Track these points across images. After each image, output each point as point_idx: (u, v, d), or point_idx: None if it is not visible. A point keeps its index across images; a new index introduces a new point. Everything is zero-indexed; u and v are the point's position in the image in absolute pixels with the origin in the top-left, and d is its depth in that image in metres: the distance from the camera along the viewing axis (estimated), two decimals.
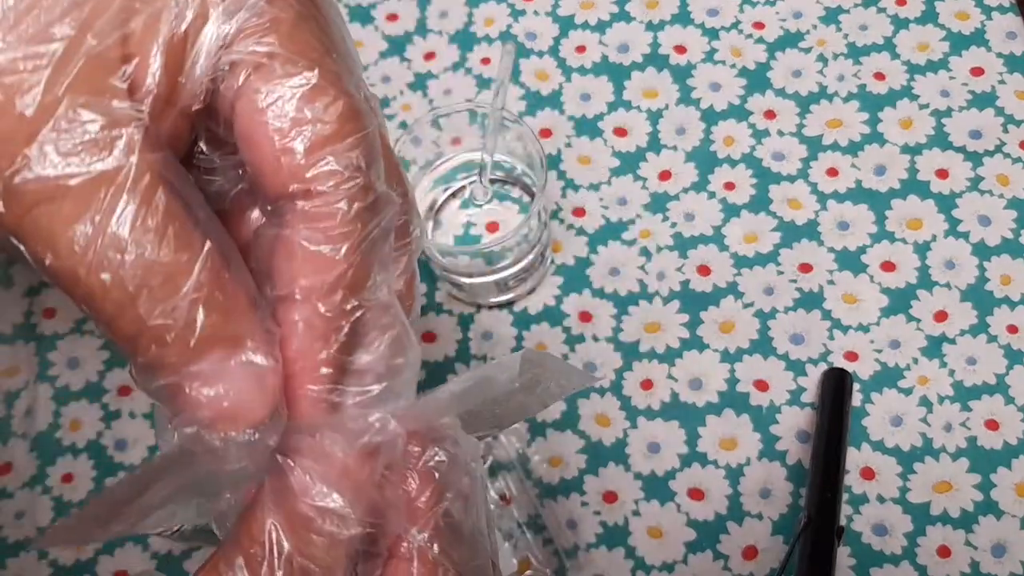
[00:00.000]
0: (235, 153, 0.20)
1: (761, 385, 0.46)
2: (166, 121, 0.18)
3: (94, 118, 0.17)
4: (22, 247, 0.18)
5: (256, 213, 0.22)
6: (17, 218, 0.17)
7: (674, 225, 0.50)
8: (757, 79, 0.52)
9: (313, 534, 0.19)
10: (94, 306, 0.18)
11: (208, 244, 0.18)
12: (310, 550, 0.19)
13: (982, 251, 0.47)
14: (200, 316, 0.18)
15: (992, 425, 0.44)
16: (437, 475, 0.21)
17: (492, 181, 0.46)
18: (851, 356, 0.46)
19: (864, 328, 0.47)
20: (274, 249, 0.20)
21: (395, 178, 0.22)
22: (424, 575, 0.21)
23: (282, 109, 0.19)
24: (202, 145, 0.20)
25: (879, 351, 0.46)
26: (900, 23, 0.53)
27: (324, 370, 0.20)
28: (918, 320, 0.46)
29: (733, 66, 0.53)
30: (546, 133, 0.52)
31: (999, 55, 0.51)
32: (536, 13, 0.55)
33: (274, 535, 0.19)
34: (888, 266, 0.48)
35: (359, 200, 0.19)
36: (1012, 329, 0.46)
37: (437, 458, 0.21)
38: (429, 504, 0.21)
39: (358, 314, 0.20)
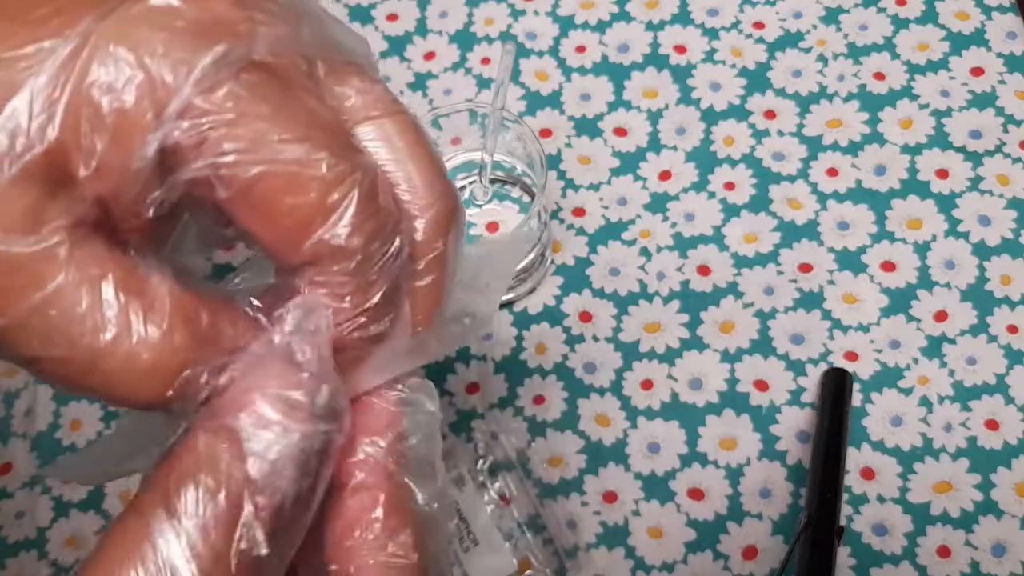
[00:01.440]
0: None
1: (761, 385, 0.46)
2: (127, 221, 0.18)
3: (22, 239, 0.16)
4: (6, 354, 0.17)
5: None
6: None
7: (674, 225, 0.50)
8: (757, 79, 0.52)
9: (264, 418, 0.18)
10: (102, 395, 0.18)
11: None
12: (250, 445, 0.17)
13: (982, 251, 0.47)
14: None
15: (992, 425, 0.44)
16: (398, 404, 0.20)
17: (492, 181, 0.46)
18: (851, 356, 0.46)
19: (864, 328, 0.47)
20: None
21: (434, 177, 0.21)
22: (391, 494, 0.19)
23: (271, 206, 0.18)
24: (225, 231, 0.20)
25: (879, 351, 0.46)
26: (900, 23, 0.53)
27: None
28: (918, 320, 0.46)
29: (733, 66, 0.53)
30: (546, 133, 0.52)
31: (999, 55, 0.51)
32: (536, 13, 0.55)
33: (209, 441, 0.17)
34: (888, 266, 0.48)
35: (364, 268, 0.19)
36: (1012, 329, 0.46)
37: (398, 390, 0.21)
38: (390, 420, 0.20)
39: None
